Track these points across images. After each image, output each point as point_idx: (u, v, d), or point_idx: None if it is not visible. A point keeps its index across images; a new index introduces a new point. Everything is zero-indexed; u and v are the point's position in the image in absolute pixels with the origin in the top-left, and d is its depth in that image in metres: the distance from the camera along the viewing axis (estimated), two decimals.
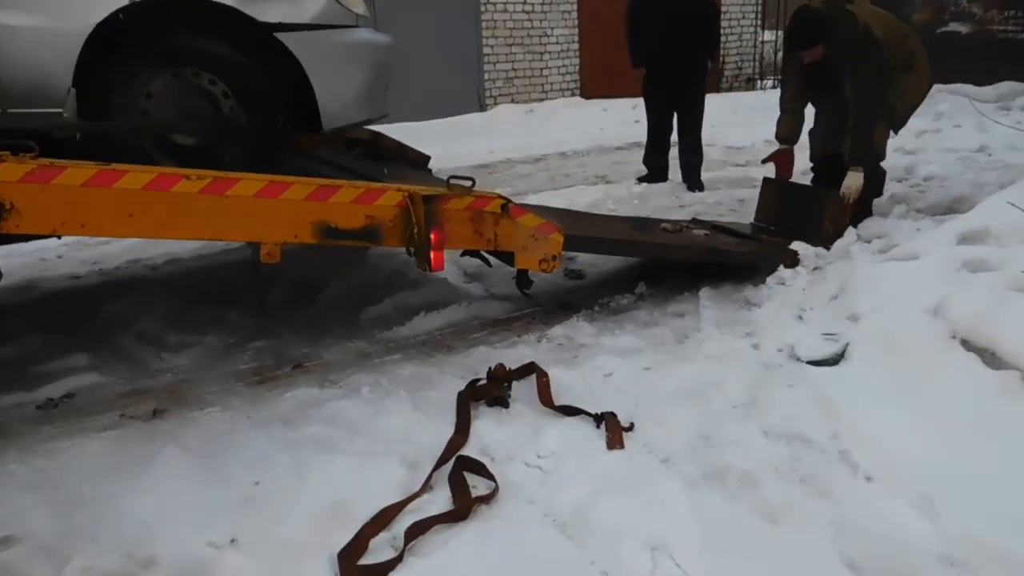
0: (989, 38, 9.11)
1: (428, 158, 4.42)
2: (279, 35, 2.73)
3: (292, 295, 3.69)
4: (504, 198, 2.82)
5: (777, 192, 4.17)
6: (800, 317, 3.18)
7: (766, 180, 4.28)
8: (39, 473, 2.29)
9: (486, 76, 10.16)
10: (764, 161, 4.38)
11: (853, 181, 3.90)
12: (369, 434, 2.47)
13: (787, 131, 4.25)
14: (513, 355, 2.98)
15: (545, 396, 2.57)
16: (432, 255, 2.63)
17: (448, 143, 8.26)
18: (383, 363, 2.99)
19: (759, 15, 12.41)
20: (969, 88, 8.31)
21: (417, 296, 3.56)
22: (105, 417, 2.65)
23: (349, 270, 3.89)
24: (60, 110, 2.52)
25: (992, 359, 2.36)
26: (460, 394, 2.59)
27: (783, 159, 4.27)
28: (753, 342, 3.00)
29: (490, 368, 2.66)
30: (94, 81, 2.56)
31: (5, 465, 2.34)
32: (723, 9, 10.98)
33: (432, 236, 2.61)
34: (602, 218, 4.08)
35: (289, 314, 3.47)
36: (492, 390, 2.59)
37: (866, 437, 2.26)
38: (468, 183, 2.75)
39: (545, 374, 2.68)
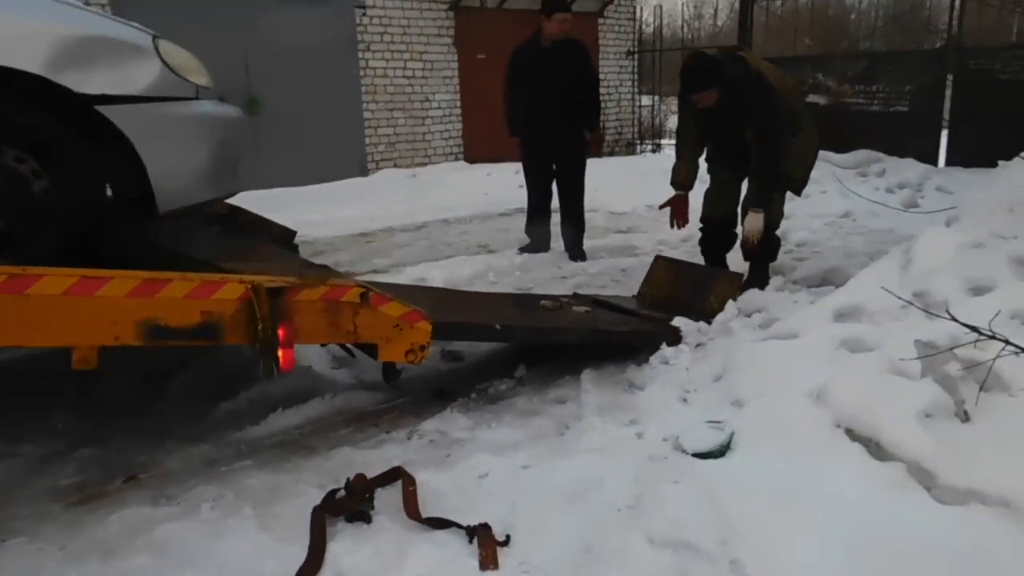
0: (844, 109, 9.71)
1: (294, 233, 4.12)
2: (102, 108, 2.42)
3: (132, 387, 3.27)
4: (364, 286, 2.57)
5: (667, 270, 4.14)
6: (685, 399, 3.06)
7: (658, 257, 4.30)
8: None
9: (368, 141, 9.96)
10: (661, 206, 4.41)
11: (755, 223, 3.95)
12: (203, 564, 2.11)
13: (683, 178, 4.31)
14: (380, 456, 2.69)
15: (411, 507, 2.29)
16: (280, 353, 2.34)
17: (329, 209, 7.98)
18: (231, 471, 2.63)
19: (635, 81, 12.86)
20: (831, 155, 8.78)
21: (277, 387, 3.21)
22: None
23: (201, 357, 3.51)
24: None
25: (876, 449, 2.27)
26: (315, 510, 2.27)
27: (678, 205, 4.32)
28: (637, 430, 2.84)
29: (348, 479, 2.36)
30: None
31: None
32: (601, 77, 11.30)
33: (280, 332, 2.32)
34: (479, 297, 3.89)
35: (127, 412, 3.04)
36: (351, 504, 2.29)
37: (756, 542, 2.10)
38: (322, 271, 2.49)
39: (412, 481, 2.41)
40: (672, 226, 4.41)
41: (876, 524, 2.07)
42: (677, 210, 4.34)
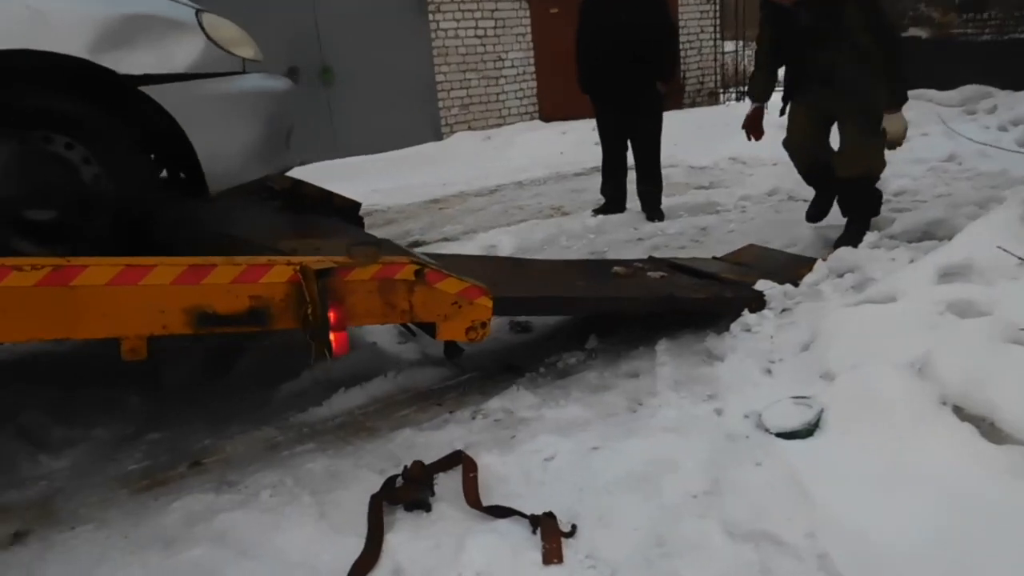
0: (949, 42, 8.92)
1: (358, 205, 4.04)
2: (146, 89, 2.35)
3: (199, 369, 3.28)
4: (419, 261, 2.44)
5: (757, 254, 3.90)
6: (768, 371, 2.82)
7: (750, 245, 4.17)
8: None
9: (440, 104, 9.83)
10: (743, 127, 4.33)
11: (898, 124, 3.70)
12: (261, 556, 2.07)
13: (759, 88, 4.32)
14: (442, 438, 2.59)
15: (472, 495, 2.18)
16: (332, 337, 2.25)
17: (403, 175, 7.93)
18: (292, 455, 2.58)
19: (717, 26, 12.20)
20: (932, 92, 8.09)
21: (341, 366, 3.14)
22: None
23: (264, 337, 3.48)
24: None
25: (991, 431, 2.00)
26: (373, 498, 2.19)
27: (753, 118, 4.28)
28: (716, 406, 2.64)
29: (406, 466, 2.27)
30: None
31: None
32: (680, 24, 10.76)
33: (330, 314, 2.22)
34: (547, 266, 3.72)
35: (194, 395, 3.05)
36: (409, 492, 2.20)
37: (848, 534, 1.89)
38: (373, 249, 2.38)
39: (473, 466, 2.30)
40: (748, 138, 4.35)
41: (990, 517, 1.82)
42: (751, 124, 4.29)
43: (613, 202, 5.44)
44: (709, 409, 2.63)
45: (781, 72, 4.26)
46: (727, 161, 7.08)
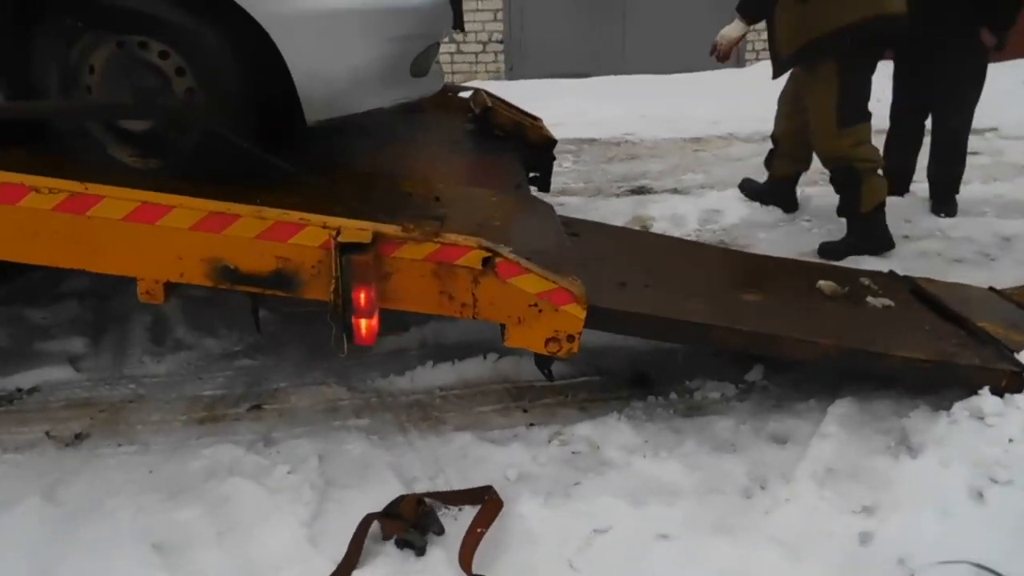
0: None
1: (553, 142, 3.55)
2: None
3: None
4: (490, 249, 1.93)
5: None
6: (980, 494, 1.91)
7: None
8: None
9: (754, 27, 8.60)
10: None
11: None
12: (236, 544, 1.86)
13: None
14: (500, 458, 2.15)
15: (466, 556, 1.74)
16: (355, 323, 1.87)
17: (679, 104, 7.12)
18: (341, 428, 2.32)
19: None
20: None
21: (455, 330, 2.80)
22: (32, 430, 2.34)
23: None
24: None
25: None
26: (364, 520, 1.84)
27: None
28: (865, 528, 1.85)
29: (400, 498, 1.87)
30: (25, 55, 2.14)
31: None
32: None
33: (359, 295, 1.84)
34: (719, 262, 2.89)
35: (304, 328, 2.91)
36: (396, 528, 1.81)
37: None
38: (433, 223, 1.93)
39: (493, 513, 1.85)
40: None
41: None
42: None
43: (896, 178, 4.24)
44: (853, 529, 1.85)
45: None
46: None
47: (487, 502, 1.90)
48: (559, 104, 6.72)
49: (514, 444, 2.22)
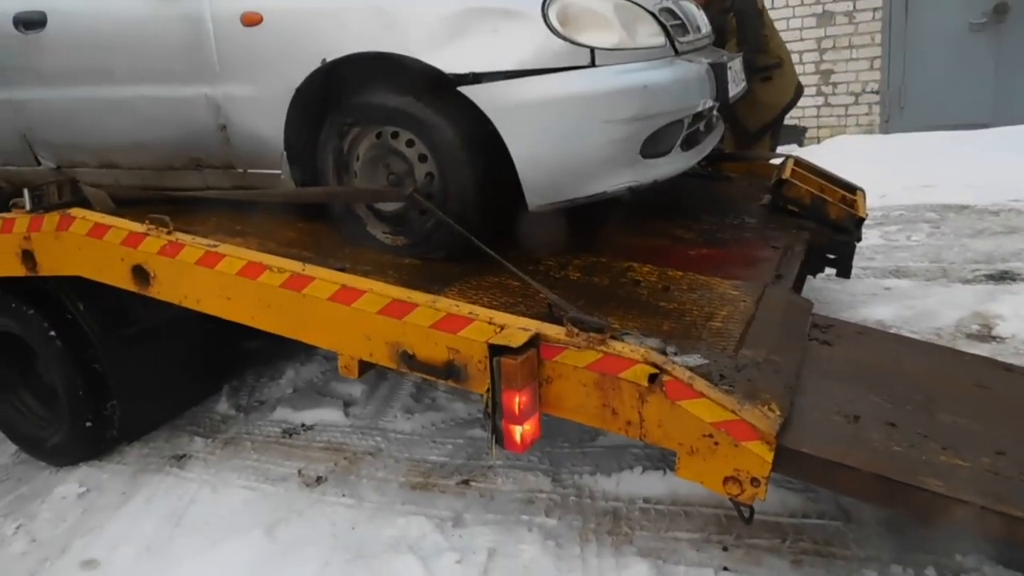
0: None
1: (860, 220, 3.04)
2: (464, 89, 2.16)
3: None
4: (658, 366, 1.69)
5: None
6: None
7: None
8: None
9: None
10: None
11: None
12: None
13: None
14: None
15: None
16: (505, 428, 1.79)
17: None
18: (527, 525, 2.22)
19: None
20: None
21: None
22: (290, 465, 2.69)
23: None
24: (279, 172, 2.54)
25: None
26: None
27: None
28: None
29: None
30: (312, 148, 2.51)
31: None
32: None
33: (512, 398, 1.76)
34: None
35: None
36: None
37: None
38: (599, 326, 1.76)
39: None
40: None
41: None
42: None
43: None
44: None
45: None
46: None
47: None
48: (937, 162, 5.79)
49: None
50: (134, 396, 2.80)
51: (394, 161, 2.40)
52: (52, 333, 2.65)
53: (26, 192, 2.43)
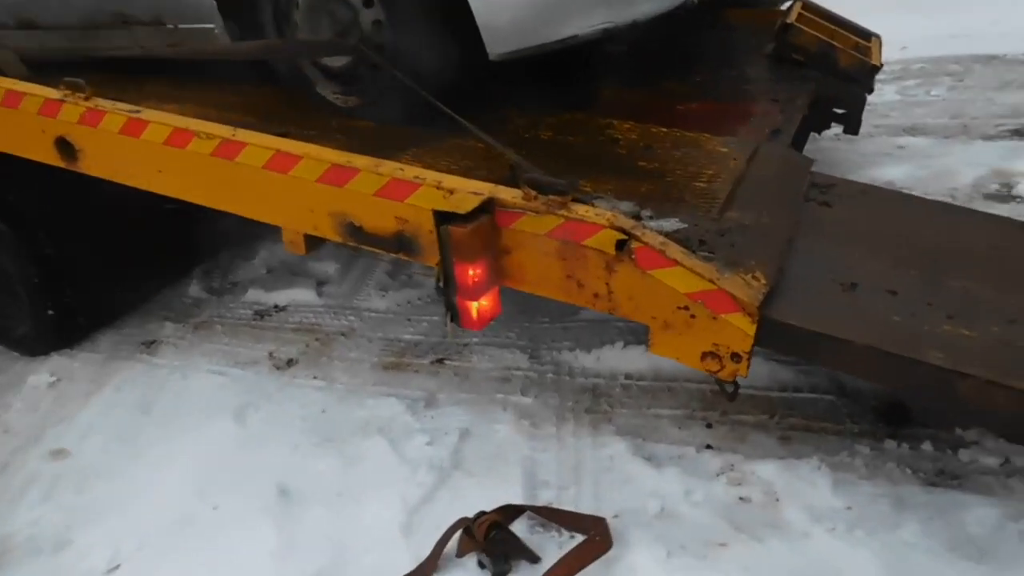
0: None
1: (874, 69, 2.73)
2: None
3: None
4: (626, 231, 1.49)
5: None
6: None
7: None
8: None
9: None
10: None
11: None
12: (334, 517, 1.81)
13: None
14: (649, 483, 1.77)
15: None
16: (460, 304, 1.61)
17: None
18: (502, 404, 2.10)
19: None
20: None
21: None
22: (261, 348, 2.56)
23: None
24: (212, 26, 2.27)
25: None
26: (454, 525, 1.63)
27: None
28: None
29: (480, 515, 1.60)
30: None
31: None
32: None
33: (465, 271, 1.57)
34: None
35: None
36: (471, 547, 1.57)
37: None
38: (559, 189, 1.54)
39: (595, 552, 1.50)
40: None
41: None
42: None
43: None
44: None
45: None
46: None
47: (592, 538, 1.55)
48: (975, 5, 5.29)
49: (673, 469, 1.78)
50: (92, 281, 2.65)
51: (338, 8, 2.11)
52: None
53: None
